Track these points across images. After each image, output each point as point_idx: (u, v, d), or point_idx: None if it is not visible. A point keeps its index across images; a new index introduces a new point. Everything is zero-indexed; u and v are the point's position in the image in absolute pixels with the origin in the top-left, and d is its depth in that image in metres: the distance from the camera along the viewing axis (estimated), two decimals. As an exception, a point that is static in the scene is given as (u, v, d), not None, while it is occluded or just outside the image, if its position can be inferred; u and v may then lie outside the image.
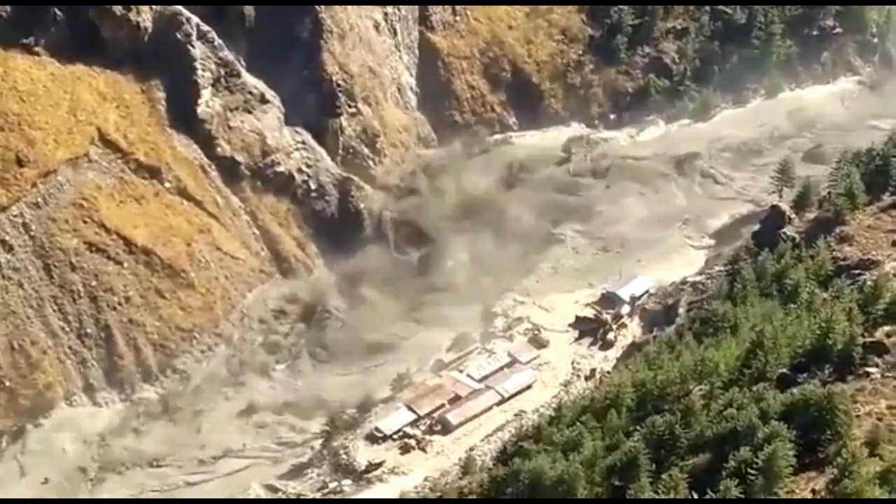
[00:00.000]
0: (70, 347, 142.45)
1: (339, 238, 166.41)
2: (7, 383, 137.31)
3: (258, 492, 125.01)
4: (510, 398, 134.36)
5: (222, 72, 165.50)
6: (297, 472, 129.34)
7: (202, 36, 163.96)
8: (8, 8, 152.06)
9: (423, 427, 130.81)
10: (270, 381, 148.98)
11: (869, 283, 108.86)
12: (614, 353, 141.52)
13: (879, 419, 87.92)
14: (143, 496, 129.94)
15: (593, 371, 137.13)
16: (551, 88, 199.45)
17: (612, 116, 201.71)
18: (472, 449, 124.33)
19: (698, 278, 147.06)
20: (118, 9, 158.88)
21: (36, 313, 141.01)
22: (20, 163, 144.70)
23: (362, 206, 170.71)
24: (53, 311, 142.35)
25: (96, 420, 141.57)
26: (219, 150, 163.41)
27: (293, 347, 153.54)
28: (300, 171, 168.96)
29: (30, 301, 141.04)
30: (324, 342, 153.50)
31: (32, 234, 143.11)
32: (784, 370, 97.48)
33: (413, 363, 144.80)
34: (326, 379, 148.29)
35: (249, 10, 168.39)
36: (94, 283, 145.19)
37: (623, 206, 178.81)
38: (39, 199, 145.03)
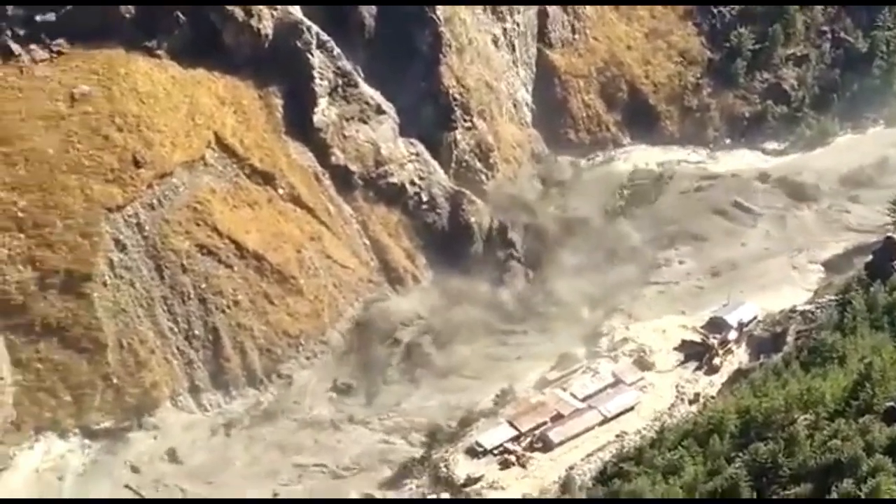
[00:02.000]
0: (178, 348, 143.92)
1: (448, 251, 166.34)
2: (115, 380, 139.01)
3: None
4: (612, 419, 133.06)
5: (340, 81, 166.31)
6: (395, 482, 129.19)
7: (321, 45, 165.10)
8: (132, 9, 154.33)
9: (523, 443, 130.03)
10: (373, 392, 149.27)
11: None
12: (719, 378, 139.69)
13: None
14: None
15: (697, 395, 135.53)
16: (667, 110, 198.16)
17: (727, 140, 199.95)
18: (571, 468, 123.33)
19: (808, 307, 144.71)
20: (240, 15, 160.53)
21: (146, 313, 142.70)
22: (137, 164, 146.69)
23: (473, 220, 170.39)
24: (163, 311, 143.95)
25: (200, 421, 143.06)
26: (333, 158, 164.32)
27: (397, 358, 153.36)
28: (412, 182, 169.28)
29: (140, 300, 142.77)
30: (428, 354, 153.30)
31: (146, 234, 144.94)
32: (891, 403, 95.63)
33: (516, 380, 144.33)
34: (428, 391, 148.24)
35: (369, 20, 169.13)
36: (203, 285, 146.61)
37: (734, 231, 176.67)
38: (154, 201, 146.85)
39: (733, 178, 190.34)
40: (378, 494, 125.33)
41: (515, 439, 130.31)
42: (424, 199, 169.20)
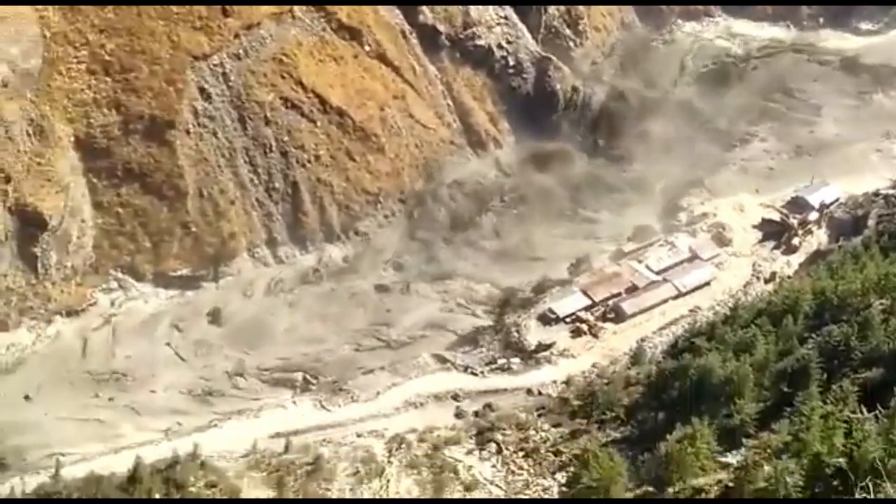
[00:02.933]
0: (257, 199, 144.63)
1: (531, 117, 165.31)
2: (193, 229, 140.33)
3: (427, 361, 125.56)
4: (687, 293, 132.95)
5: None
6: (467, 343, 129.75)
7: None
8: None
9: (596, 313, 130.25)
10: (450, 253, 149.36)
11: None
12: (797, 258, 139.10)
13: None
14: (313, 353, 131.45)
15: (773, 274, 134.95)
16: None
17: (820, 19, 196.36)
18: (643, 340, 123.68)
19: (892, 192, 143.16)
20: None
21: (227, 163, 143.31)
22: (225, 13, 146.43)
23: (558, 86, 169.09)
24: (244, 162, 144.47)
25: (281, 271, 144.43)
26: (421, 17, 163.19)
27: (476, 221, 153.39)
28: (500, 46, 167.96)
29: (222, 150, 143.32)
30: (506, 220, 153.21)
31: (231, 84, 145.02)
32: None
33: (592, 249, 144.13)
34: (504, 256, 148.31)
35: None
36: (286, 138, 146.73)
37: (824, 110, 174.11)
38: (240, 51, 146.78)
39: (821, 57, 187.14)
40: (448, 356, 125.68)
41: (588, 308, 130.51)
42: (511, 63, 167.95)
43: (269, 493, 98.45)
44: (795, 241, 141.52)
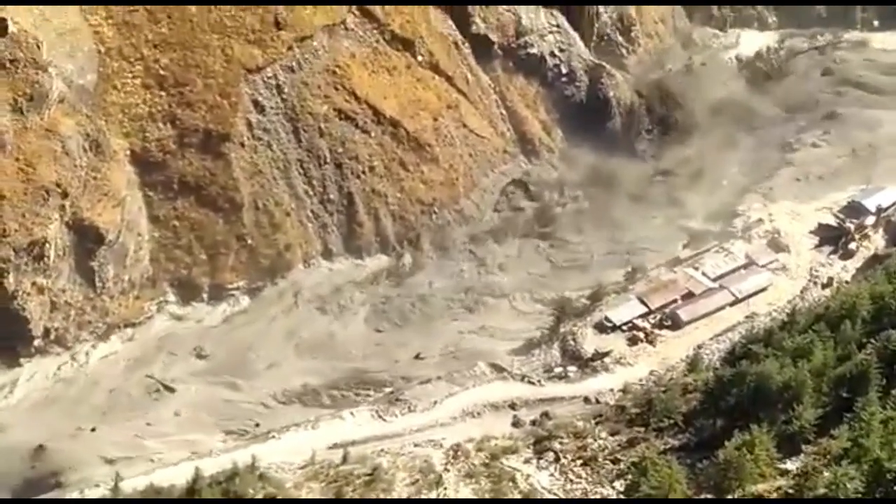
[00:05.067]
0: (312, 211, 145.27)
1: (585, 125, 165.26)
2: (249, 241, 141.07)
3: (484, 370, 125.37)
4: (743, 300, 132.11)
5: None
6: (524, 351, 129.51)
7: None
8: None
9: (652, 321, 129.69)
10: (506, 262, 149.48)
11: None
12: (854, 263, 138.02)
13: None
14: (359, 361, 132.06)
15: (831, 280, 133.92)
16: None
17: (875, 23, 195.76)
18: (700, 347, 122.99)
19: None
20: None
21: (282, 175, 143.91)
22: (278, 25, 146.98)
23: (612, 94, 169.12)
24: (299, 174, 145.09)
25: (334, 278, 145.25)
26: (473, 27, 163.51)
27: (528, 230, 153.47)
28: (552, 54, 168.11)
29: (277, 162, 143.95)
30: (561, 228, 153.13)
31: (285, 96, 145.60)
32: None
33: (649, 256, 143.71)
34: (558, 264, 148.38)
35: None
36: (340, 149, 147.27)
37: (879, 115, 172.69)
38: (294, 63, 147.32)
39: (879, 61, 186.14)
40: (504, 364, 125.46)
41: (645, 316, 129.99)
42: (564, 71, 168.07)
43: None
44: (852, 245, 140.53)
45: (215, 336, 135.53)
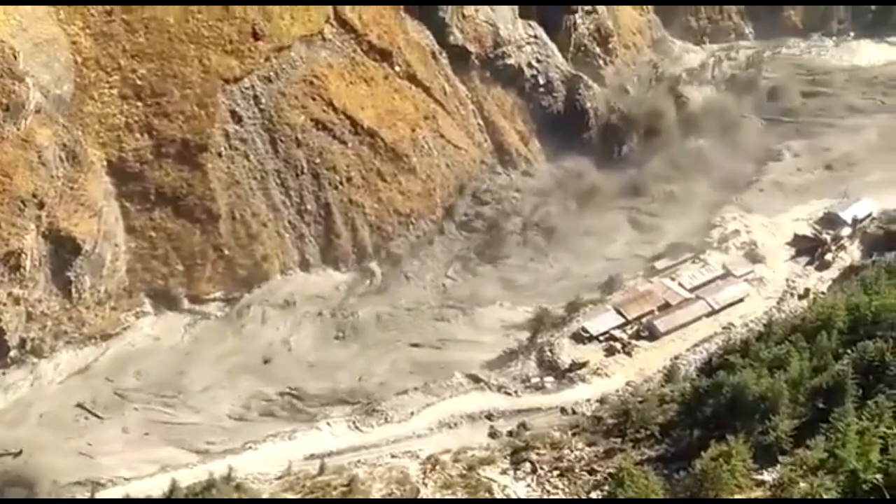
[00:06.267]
0: (289, 222, 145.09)
1: (562, 135, 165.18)
2: (226, 252, 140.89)
3: (461, 380, 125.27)
4: (720, 310, 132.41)
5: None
6: (501, 363, 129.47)
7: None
8: None
9: (630, 331, 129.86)
10: (481, 273, 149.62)
11: None
12: (830, 274, 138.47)
13: None
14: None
15: (807, 291, 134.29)
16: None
17: (850, 34, 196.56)
18: (676, 357, 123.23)
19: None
20: None
21: (259, 185, 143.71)
22: (256, 36, 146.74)
23: (589, 105, 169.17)
24: (276, 184, 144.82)
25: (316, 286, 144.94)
26: (451, 38, 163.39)
27: (507, 240, 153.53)
28: (530, 65, 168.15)
29: (254, 173, 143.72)
30: (537, 239, 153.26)
31: (262, 107, 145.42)
32: None
33: (624, 267, 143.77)
34: (537, 276, 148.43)
35: None
36: (317, 160, 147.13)
37: (854, 126, 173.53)
38: (271, 74, 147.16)
39: (853, 72, 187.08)
40: (482, 375, 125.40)
41: (622, 327, 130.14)
42: (541, 82, 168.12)
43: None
44: (829, 256, 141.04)
45: (178, 350, 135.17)
